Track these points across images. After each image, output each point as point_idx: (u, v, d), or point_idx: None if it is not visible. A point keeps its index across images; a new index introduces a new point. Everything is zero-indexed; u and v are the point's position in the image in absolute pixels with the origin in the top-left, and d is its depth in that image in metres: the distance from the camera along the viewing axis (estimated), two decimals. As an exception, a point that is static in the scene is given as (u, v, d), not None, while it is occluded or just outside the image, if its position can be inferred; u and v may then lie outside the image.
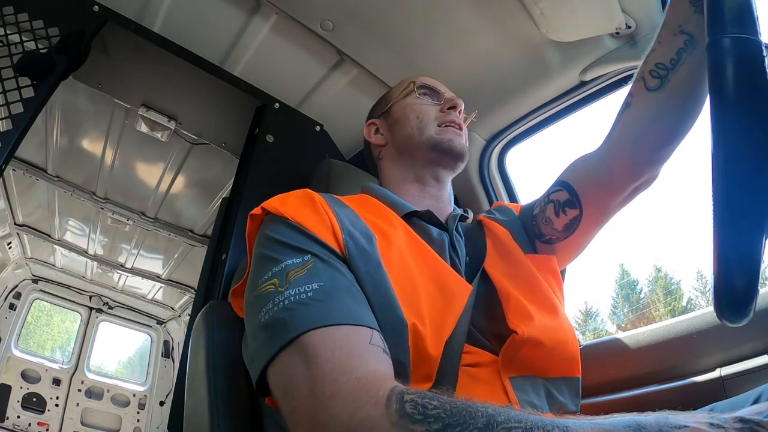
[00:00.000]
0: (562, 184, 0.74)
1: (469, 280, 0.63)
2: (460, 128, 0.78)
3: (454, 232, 0.72)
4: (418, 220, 0.71)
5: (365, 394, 0.40)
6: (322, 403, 0.41)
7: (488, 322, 0.61)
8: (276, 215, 0.60)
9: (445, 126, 0.77)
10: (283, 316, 0.48)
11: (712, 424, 0.29)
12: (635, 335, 0.97)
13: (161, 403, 4.27)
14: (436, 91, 0.83)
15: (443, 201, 0.79)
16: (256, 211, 0.64)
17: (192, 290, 3.72)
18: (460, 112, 0.79)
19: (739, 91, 0.40)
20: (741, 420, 0.29)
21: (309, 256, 0.54)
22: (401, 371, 0.50)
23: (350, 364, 0.43)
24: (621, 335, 1.01)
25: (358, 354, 0.45)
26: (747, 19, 0.42)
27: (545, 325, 0.60)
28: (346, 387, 0.41)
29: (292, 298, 0.49)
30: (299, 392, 0.43)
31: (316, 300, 0.49)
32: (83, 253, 3.48)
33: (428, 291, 0.57)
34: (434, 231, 0.70)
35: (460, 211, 0.78)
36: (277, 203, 0.62)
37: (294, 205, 0.61)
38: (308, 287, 0.50)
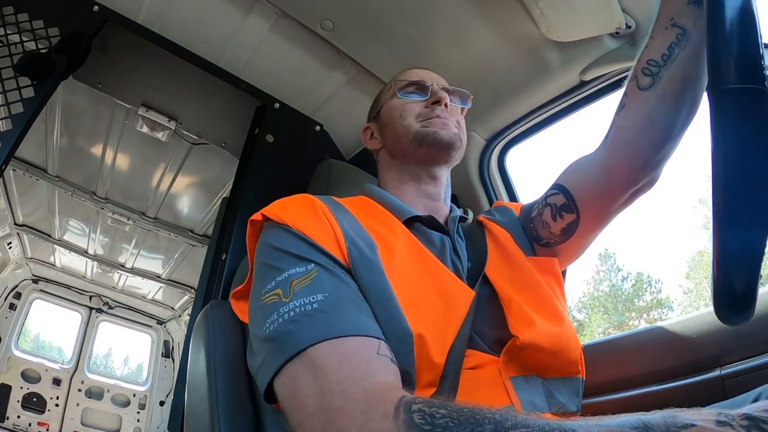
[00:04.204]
0: (558, 188, 0.72)
1: (471, 285, 0.62)
2: (446, 121, 0.75)
3: (456, 235, 0.71)
4: (420, 224, 0.70)
5: (373, 407, 0.40)
6: (330, 417, 0.41)
7: (490, 328, 0.60)
8: (277, 222, 0.60)
9: (429, 120, 0.75)
10: (288, 328, 0.48)
11: (719, 422, 0.29)
12: (635, 335, 0.97)
13: (161, 403, 4.27)
14: (421, 86, 0.80)
15: (440, 200, 0.78)
16: (256, 216, 0.63)
17: (192, 290, 3.73)
18: (447, 105, 0.77)
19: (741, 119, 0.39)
20: (748, 417, 0.29)
21: (312, 265, 0.53)
22: (407, 379, 0.50)
23: (358, 376, 0.43)
24: (621, 335, 1.01)
25: (366, 365, 0.45)
26: (753, 66, 0.40)
27: (547, 331, 0.59)
28: (354, 400, 0.41)
29: (297, 309, 0.49)
30: (307, 406, 0.43)
31: (322, 311, 0.48)
32: (83, 253, 3.48)
33: (430, 299, 0.57)
34: (436, 236, 0.69)
35: (459, 212, 0.78)
36: (277, 209, 0.61)
37: (295, 211, 0.61)
38: (313, 298, 0.50)
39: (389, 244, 0.61)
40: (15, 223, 3.16)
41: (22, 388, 3.85)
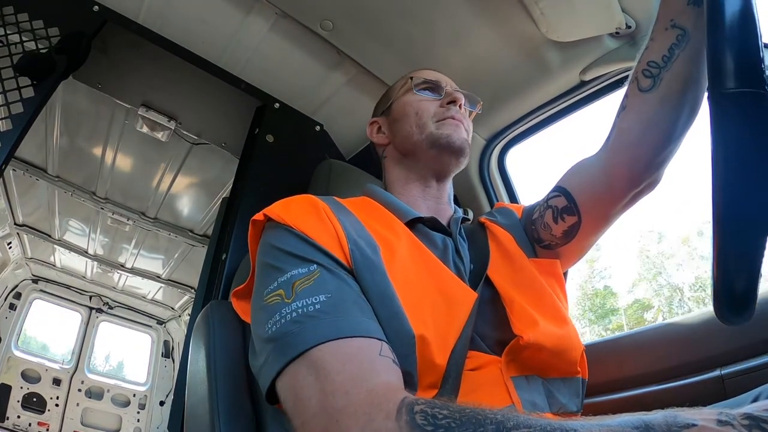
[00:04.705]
0: (560, 190, 0.72)
1: (474, 287, 0.62)
2: (460, 123, 0.76)
3: (458, 236, 0.71)
4: (422, 226, 0.70)
5: (376, 408, 0.40)
6: (333, 417, 0.41)
7: (492, 329, 0.60)
8: (279, 223, 0.60)
9: (444, 120, 0.75)
10: (291, 329, 0.48)
11: (720, 421, 0.29)
12: (635, 335, 0.97)
13: (161, 403, 4.27)
14: (436, 85, 0.80)
15: (444, 202, 0.78)
16: (258, 216, 0.63)
17: (192, 290, 3.73)
18: (461, 106, 0.77)
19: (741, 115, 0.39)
20: (749, 417, 0.29)
21: (315, 266, 0.53)
22: (409, 381, 0.50)
23: (360, 377, 0.43)
24: (621, 335, 1.01)
25: (369, 366, 0.45)
26: (754, 70, 0.40)
27: (550, 332, 0.59)
28: (357, 400, 0.41)
29: (300, 310, 0.49)
30: (310, 406, 0.43)
31: (324, 312, 0.49)
32: (83, 253, 3.48)
33: (432, 301, 0.57)
34: (438, 237, 0.69)
35: (461, 213, 0.77)
36: (279, 210, 0.61)
37: (297, 212, 0.60)
38: (315, 299, 0.50)
39: (391, 245, 0.61)
40: (15, 223, 3.16)
41: (22, 388, 3.84)
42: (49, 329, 4.43)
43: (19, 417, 3.76)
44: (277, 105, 1.45)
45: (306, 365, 0.46)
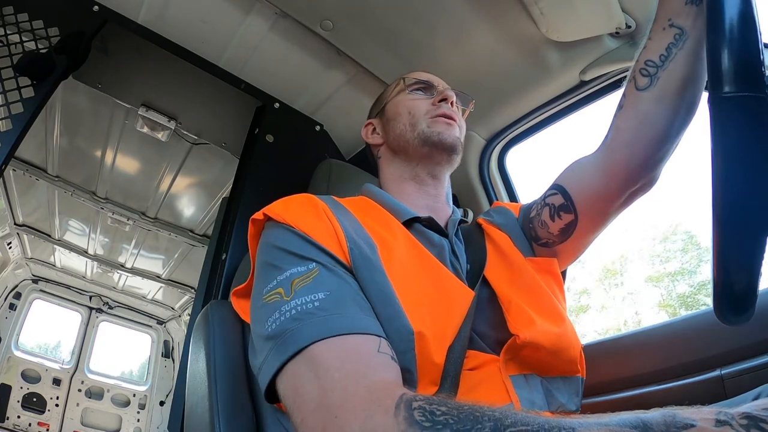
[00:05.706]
0: (557, 188, 0.72)
1: (471, 286, 0.62)
2: (452, 119, 0.76)
3: (454, 237, 0.71)
4: (419, 225, 0.70)
5: (374, 404, 0.40)
6: (331, 413, 0.41)
7: (490, 328, 0.61)
8: (278, 221, 0.60)
9: (436, 118, 0.76)
10: (290, 326, 0.48)
11: (718, 421, 0.29)
12: (635, 335, 0.97)
13: (161, 403, 4.27)
14: (428, 85, 0.82)
15: (441, 201, 0.78)
16: (258, 215, 0.63)
17: (192, 290, 3.73)
18: (452, 104, 0.78)
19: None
20: (748, 416, 0.29)
21: (314, 264, 0.54)
22: (408, 378, 0.50)
23: (359, 374, 0.44)
24: (621, 335, 1.01)
25: (367, 363, 0.45)
26: (754, 74, 0.40)
27: (547, 330, 0.59)
28: (356, 397, 0.41)
29: (299, 308, 0.49)
30: (309, 403, 0.43)
31: (323, 310, 0.49)
32: (83, 253, 3.48)
33: (430, 299, 0.57)
34: (435, 237, 0.69)
35: (459, 215, 0.78)
36: (278, 209, 0.61)
37: (296, 211, 0.61)
38: (314, 297, 0.50)
39: (389, 244, 0.61)
40: (15, 223, 3.16)
41: (22, 388, 3.84)
42: (48, 329, 4.41)
43: (19, 417, 3.76)
44: (277, 105, 1.45)
45: (305, 362, 0.46)
